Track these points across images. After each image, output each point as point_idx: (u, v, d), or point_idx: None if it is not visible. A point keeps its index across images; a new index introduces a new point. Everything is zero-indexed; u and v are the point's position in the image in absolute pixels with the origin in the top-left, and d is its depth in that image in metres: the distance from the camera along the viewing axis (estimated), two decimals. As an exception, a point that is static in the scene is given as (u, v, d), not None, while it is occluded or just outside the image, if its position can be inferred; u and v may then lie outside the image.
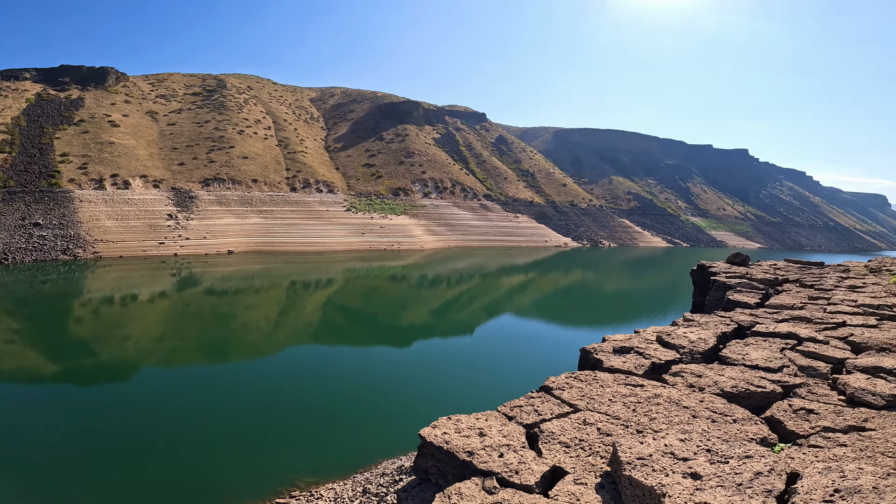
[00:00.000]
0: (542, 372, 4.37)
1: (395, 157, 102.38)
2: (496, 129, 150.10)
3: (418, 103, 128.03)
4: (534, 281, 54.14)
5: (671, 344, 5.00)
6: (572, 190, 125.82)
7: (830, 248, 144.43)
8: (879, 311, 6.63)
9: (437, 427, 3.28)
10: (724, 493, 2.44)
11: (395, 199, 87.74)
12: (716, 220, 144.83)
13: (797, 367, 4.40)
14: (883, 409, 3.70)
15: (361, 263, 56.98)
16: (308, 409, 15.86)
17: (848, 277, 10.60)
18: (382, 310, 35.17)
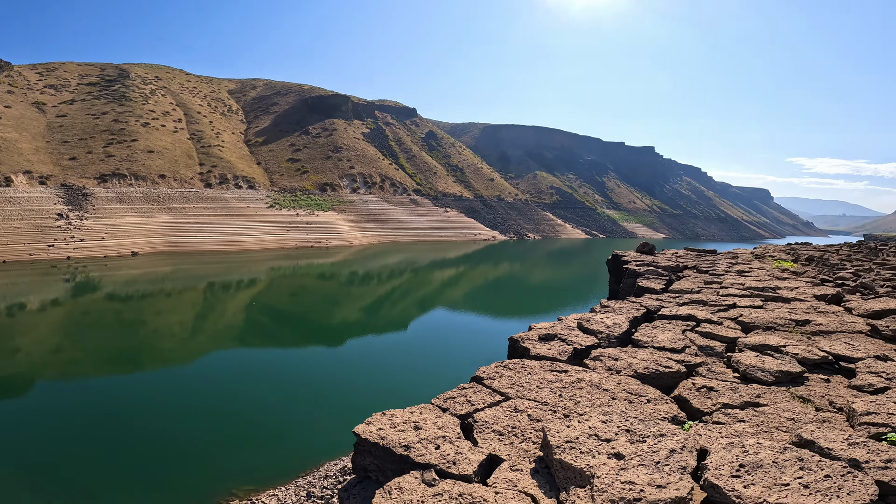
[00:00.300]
0: (475, 362, 4.52)
1: (322, 151, 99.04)
2: (426, 125, 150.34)
3: (347, 97, 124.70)
4: (464, 274, 55.18)
5: (590, 330, 5.35)
6: (499, 185, 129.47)
7: (722, 238, 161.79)
8: (764, 294, 7.57)
9: (371, 423, 3.27)
10: (646, 471, 2.61)
11: (322, 194, 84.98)
12: (628, 212, 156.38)
13: (697, 347, 4.87)
14: (772, 385, 4.06)
15: (287, 262, 54.64)
16: (240, 416, 15.02)
17: (737, 263, 11.97)
18: (312, 309, 34.04)
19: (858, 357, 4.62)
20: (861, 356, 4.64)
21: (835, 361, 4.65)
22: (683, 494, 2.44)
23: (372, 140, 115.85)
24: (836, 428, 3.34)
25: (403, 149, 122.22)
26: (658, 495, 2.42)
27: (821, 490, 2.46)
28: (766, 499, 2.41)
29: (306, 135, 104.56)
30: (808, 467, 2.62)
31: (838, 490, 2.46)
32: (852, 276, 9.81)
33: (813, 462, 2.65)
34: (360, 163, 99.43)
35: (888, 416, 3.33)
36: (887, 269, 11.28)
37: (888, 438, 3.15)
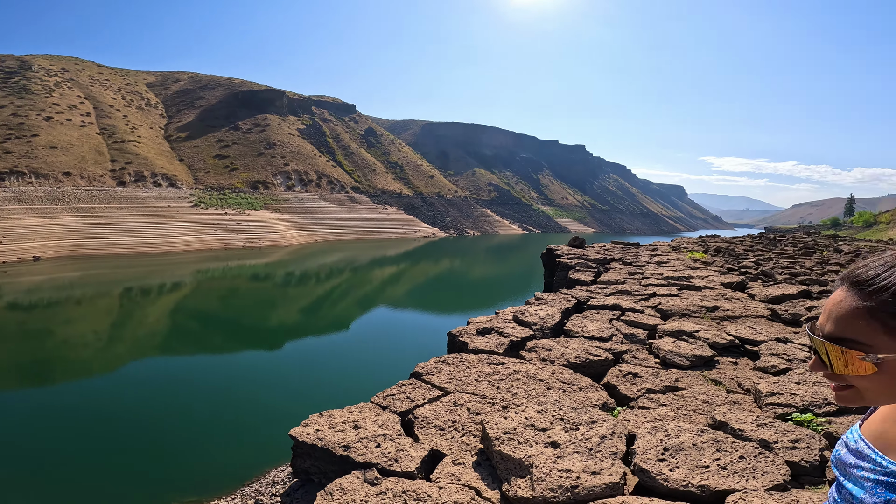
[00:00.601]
0: (416, 359, 4.53)
1: (254, 148, 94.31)
2: (366, 121, 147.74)
3: (282, 92, 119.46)
4: (405, 271, 55.01)
5: (525, 322, 5.52)
6: (439, 181, 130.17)
7: (645, 231, 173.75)
8: (679, 283, 8.22)
9: (308, 425, 3.19)
10: (580, 458, 2.71)
11: (254, 192, 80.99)
12: (561, 208, 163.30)
13: (623, 335, 5.17)
14: (689, 369, 4.32)
15: (216, 263, 51.57)
16: (174, 427, 14.00)
17: (656, 255, 12.90)
18: (246, 312, 32.41)
19: (761, 340, 5.04)
20: (763, 339, 5.06)
21: (741, 345, 5.04)
22: (616, 480, 2.55)
23: (308, 136, 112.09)
24: (746, 409, 3.56)
25: (342, 146, 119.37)
26: (593, 482, 2.53)
27: (737, 471, 2.61)
28: (690, 481, 2.54)
29: (236, 130, 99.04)
30: (724, 449, 2.77)
31: (753, 471, 2.61)
32: (754, 264, 10.91)
33: (728, 444, 2.81)
34: (295, 160, 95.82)
35: (791, 396, 3.58)
36: (784, 258, 12.66)
37: (793, 418, 3.35)
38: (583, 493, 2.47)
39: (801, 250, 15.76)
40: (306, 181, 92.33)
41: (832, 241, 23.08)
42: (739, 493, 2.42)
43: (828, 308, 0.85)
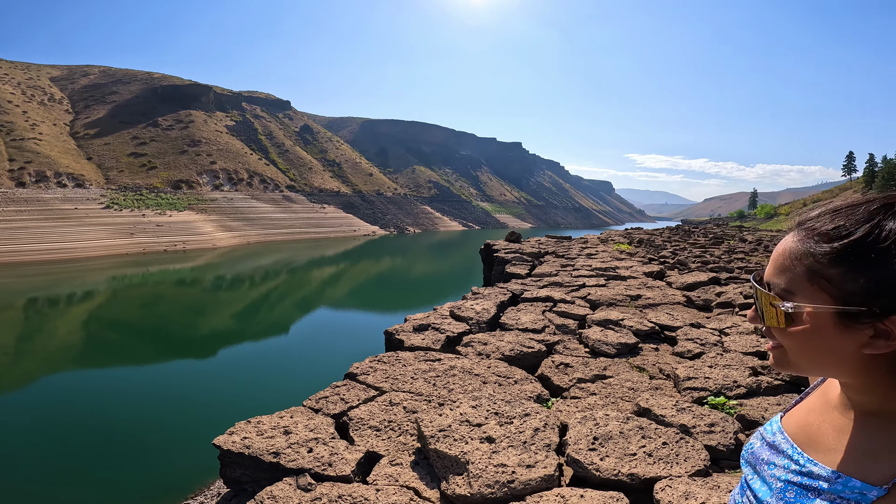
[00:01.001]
0: (353, 360, 4.42)
1: (176, 145, 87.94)
2: (301, 118, 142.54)
3: (209, 87, 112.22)
4: (344, 271, 53.82)
5: (462, 317, 5.55)
6: (378, 179, 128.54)
7: (577, 225, 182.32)
8: (606, 273, 8.66)
9: (234, 433, 3.03)
10: (515, 452, 2.72)
11: (177, 192, 75.56)
12: (499, 204, 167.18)
13: (555, 326, 5.33)
14: (615, 357, 4.46)
15: (135, 269, 47.61)
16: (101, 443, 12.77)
17: (586, 247, 13.55)
18: (172, 319, 30.20)
19: (678, 326, 5.32)
20: (680, 325, 5.35)
21: (661, 331, 5.30)
22: (551, 472, 2.59)
23: (238, 133, 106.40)
24: (667, 394, 3.68)
25: (275, 143, 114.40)
26: (529, 475, 2.55)
27: (662, 458, 2.67)
28: (620, 470, 2.59)
29: (155, 127, 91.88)
30: (649, 435, 2.85)
31: (676, 457, 2.68)
32: (672, 254, 11.77)
33: (651, 430, 2.89)
34: (223, 158, 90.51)
35: (705, 380, 3.75)
36: (697, 248, 13.75)
37: (708, 402, 3.47)
38: (519, 488, 2.49)
39: (711, 240, 17.23)
40: (236, 180, 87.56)
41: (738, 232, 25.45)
42: (665, 479, 2.49)
43: (774, 254, 0.74)
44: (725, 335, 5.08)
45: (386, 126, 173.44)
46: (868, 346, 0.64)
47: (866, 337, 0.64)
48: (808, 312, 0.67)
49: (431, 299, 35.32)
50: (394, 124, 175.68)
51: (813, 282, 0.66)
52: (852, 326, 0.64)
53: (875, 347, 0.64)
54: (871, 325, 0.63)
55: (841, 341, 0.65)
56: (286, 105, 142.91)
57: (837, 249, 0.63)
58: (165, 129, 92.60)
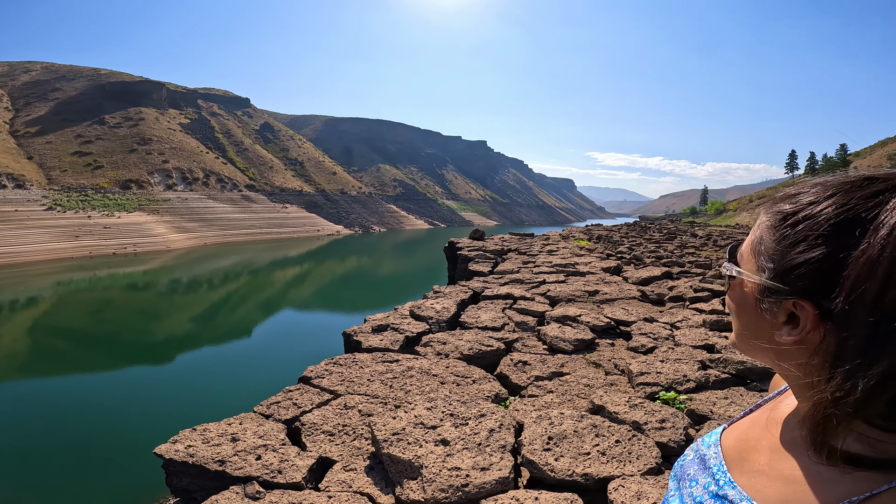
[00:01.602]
0: (312, 363, 4.28)
1: (125, 144, 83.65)
2: (261, 116, 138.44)
3: (161, 84, 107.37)
4: (308, 272, 52.69)
5: (421, 316, 5.48)
6: (342, 178, 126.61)
7: (540, 222, 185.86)
8: (566, 269, 8.80)
9: (177, 441, 2.89)
10: (470, 455, 2.66)
11: (126, 193, 71.85)
12: (464, 202, 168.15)
13: (514, 324, 5.31)
14: (573, 353, 4.46)
15: (81, 273, 44.94)
16: (54, 456, 11.93)
17: (548, 244, 13.76)
18: (123, 326, 28.67)
19: (632, 320, 5.38)
20: (634, 319, 5.43)
21: (616, 326, 5.36)
22: (506, 474, 2.54)
23: (193, 131, 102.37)
24: (621, 390, 3.70)
25: (233, 141, 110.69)
26: (483, 478, 2.50)
27: (615, 457, 2.67)
28: (574, 470, 2.56)
29: (101, 125, 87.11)
30: (602, 434, 2.84)
31: (629, 455, 2.67)
32: (628, 250, 12.12)
33: (605, 428, 2.88)
34: (176, 156, 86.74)
35: (657, 374, 3.78)
36: (652, 244, 14.22)
37: (660, 397, 3.50)
38: (473, 491, 2.44)
39: (665, 236, 17.90)
40: (191, 179, 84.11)
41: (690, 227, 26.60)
42: (619, 479, 2.48)
43: None
44: (677, 329, 5.23)
45: (350, 124, 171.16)
46: (777, 329, 0.59)
47: (779, 321, 0.59)
48: (738, 280, 0.64)
49: (394, 299, 34.97)
50: (358, 122, 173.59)
51: (754, 249, 0.63)
52: (769, 305, 0.60)
53: (780, 333, 0.59)
54: (785, 308, 0.58)
55: (759, 319, 0.61)
56: (245, 102, 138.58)
57: (781, 219, 0.59)
58: (113, 126, 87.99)
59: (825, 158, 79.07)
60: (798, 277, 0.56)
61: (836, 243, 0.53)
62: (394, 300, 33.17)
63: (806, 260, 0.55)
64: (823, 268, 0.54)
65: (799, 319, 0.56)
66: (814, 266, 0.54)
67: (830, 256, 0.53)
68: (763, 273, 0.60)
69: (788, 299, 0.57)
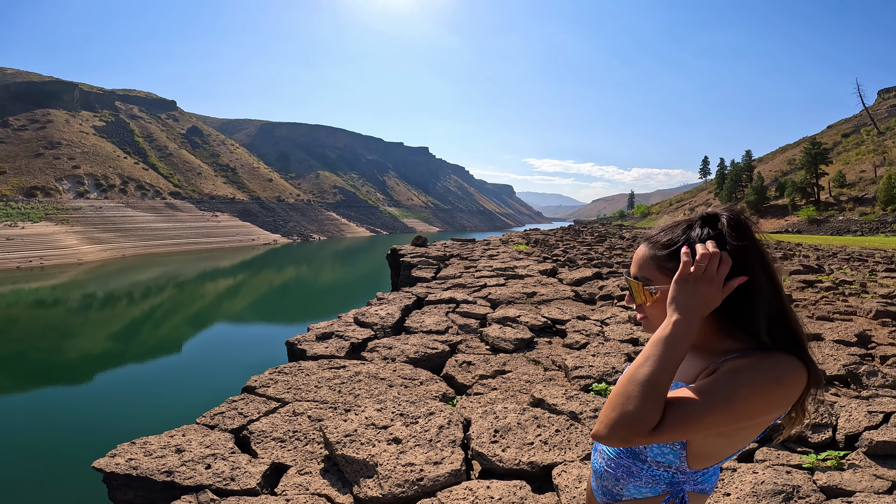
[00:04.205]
0: (253, 374, 4.22)
1: (30, 147, 75.75)
2: (189, 119, 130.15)
3: (74, 84, 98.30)
4: (243, 283, 50.23)
5: (366, 322, 5.54)
6: (279, 185, 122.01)
7: (482, 228, 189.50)
8: (506, 273, 9.17)
9: (117, 455, 2.80)
10: (422, 451, 2.79)
11: (31, 200, 64.92)
12: (406, 209, 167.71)
13: (458, 327, 5.50)
14: (513, 352, 4.70)
15: (-22, 291, 40.03)
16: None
17: (489, 249, 14.19)
18: (33, 345, 25.82)
19: (567, 319, 5.74)
20: (569, 318, 5.79)
21: (553, 325, 5.70)
22: (458, 467, 2.68)
23: (109, 135, 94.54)
24: (559, 384, 3.93)
25: (156, 146, 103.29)
26: (437, 472, 2.63)
27: (556, 445, 2.87)
28: (520, 459, 2.74)
29: (4, 127, 78.61)
30: (543, 424, 3.04)
31: (568, 443, 2.88)
32: (563, 253, 12.80)
33: (545, 419, 3.08)
34: (89, 161, 79.64)
35: (589, 368, 4.07)
36: (584, 246, 15.08)
37: (593, 389, 3.76)
38: (429, 485, 2.56)
39: (596, 239, 19.04)
40: (105, 186, 77.51)
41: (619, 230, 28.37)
42: (561, 465, 2.68)
43: (634, 257, 1.15)
44: (606, 325, 5.67)
45: (287, 129, 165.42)
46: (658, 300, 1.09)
47: None
48: (661, 290, 1.07)
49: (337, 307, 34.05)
50: (295, 127, 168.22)
51: (660, 272, 1.08)
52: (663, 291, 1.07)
53: None
54: None
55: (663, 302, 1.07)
56: (171, 105, 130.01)
57: (669, 252, 1.07)
58: (17, 129, 79.53)
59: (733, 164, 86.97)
60: None
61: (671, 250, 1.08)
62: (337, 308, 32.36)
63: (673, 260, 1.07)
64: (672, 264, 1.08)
65: None
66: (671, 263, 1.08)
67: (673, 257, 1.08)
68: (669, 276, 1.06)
69: None
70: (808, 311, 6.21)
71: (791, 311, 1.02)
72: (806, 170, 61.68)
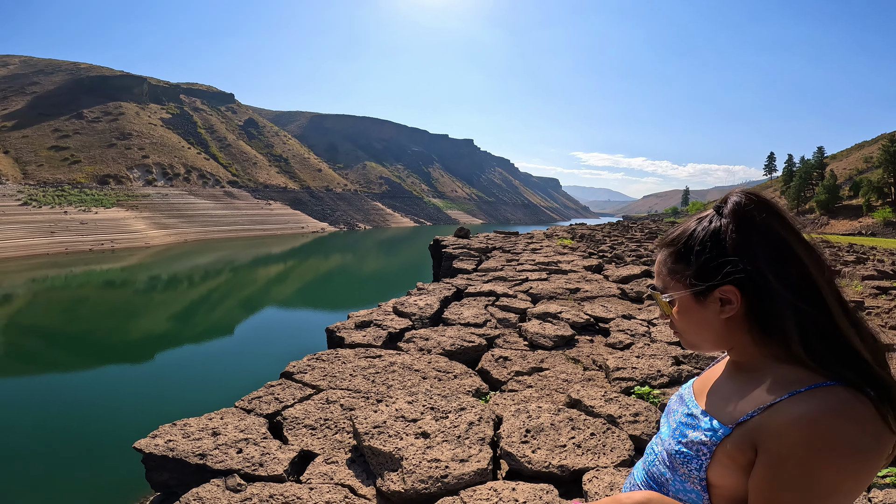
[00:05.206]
0: (292, 359, 4.29)
1: (103, 138, 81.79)
2: (246, 112, 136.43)
3: (143, 78, 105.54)
4: (290, 269, 52.21)
5: (405, 312, 5.51)
6: (328, 175, 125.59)
7: (526, 221, 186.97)
8: (549, 268, 8.92)
9: (157, 436, 2.88)
10: (449, 447, 2.71)
11: (104, 188, 70.22)
12: (450, 200, 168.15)
13: (496, 320, 5.37)
14: (552, 349, 4.52)
15: (56, 270, 43.83)
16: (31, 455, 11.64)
17: (532, 242, 13.89)
18: (99, 323, 28.06)
19: (611, 317, 5.48)
20: (613, 316, 5.53)
21: (595, 323, 5.47)
22: (484, 466, 2.59)
23: (175, 127, 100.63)
24: (598, 385, 3.76)
25: (216, 137, 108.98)
26: (462, 469, 2.55)
27: (590, 449, 2.73)
28: (551, 462, 2.62)
29: (79, 119, 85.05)
30: (578, 427, 2.90)
31: (602, 447, 2.74)
32: (610, 249, 12.32)
33: (580, 421, 2.94)
34: (157, 152, 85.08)
35: (632, 370, 3.86)
36: (633, 243, 14.47)
37: (635, 392, 3.56)
38: (452, 482, 2.49)
39: (646, 235, 18.21)
40: (171, 175, 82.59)
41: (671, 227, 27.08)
42: (593, 470, 2.54)
43: (655, 267, 1.02)
44: (653, 325, 5.36)
45: (335, 121, 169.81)
46: (722, 312, 0.87)
47: (717, 306, 0.87)
48: (677, 298, 0.92)
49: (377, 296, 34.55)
50: (343, 119, 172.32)
51: (672, 277, 0.93)
52: (705, 301, 0.88)
53: (725, 312, 0.86)
54: (716, 297, 0.87)
55: (704, 314, 0.89)
56: (229, 98, 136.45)
57: (675, 251, 0.94)
58: (91, 121, 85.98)
59: (802, 161, 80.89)
60: (711, 273, 0.86)
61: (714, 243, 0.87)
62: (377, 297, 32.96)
63: (706, 259, 0.87)
64: (716, 261, 0.86)
65: (728, 299, 0.86)
66: (713, 262, 0.86)
67: (718, 251, 0.86)
68: (689, 285, 0.89)
69: (715, 291, 0.87)
70: (881, 320, 5.62)
71: (846, 323, 0.79)
72: (883, 168, 56.53)
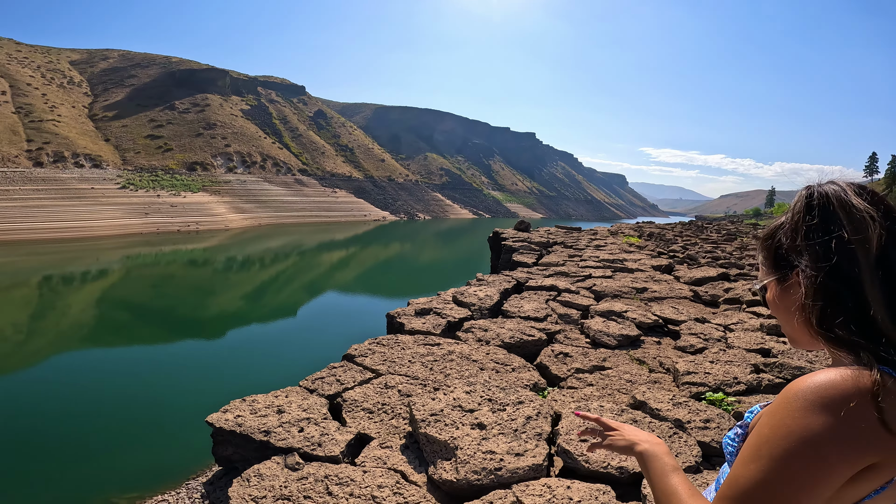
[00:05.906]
0: (353, 342, 4.41)
1: (192, 128, 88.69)
2: (315, 103, 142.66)
3: (225, 71, 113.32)
4: (353, 255, 54.10)
5: (464, 302, 5.51)
6: (390, 165, 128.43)
7: (588, 217, 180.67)
8: (614, 265, 8.55)
9: (228, 411, 3.05)
10: (505, 439, 2.69)
11: (191, 174, 76.32)
12: (510, 193, 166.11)
13: (558, 316, 5.26)
14: (616, 349, 4.39)
15: (148, 249, 48.33)
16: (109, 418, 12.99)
17: (595, 239, 13.39)
18: (182, 300, 30.67)
19: (682, 320, 5.21)
20: (684, 319, 5.24)
21: (664, 324, 5.21)
22: (539, 461, 2.55)
23: (253, 117, 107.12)
24: (664, 388, 3.62)
25: (289, 127, 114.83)
26: (517, 463, 2.52)
27: None
28: (609, 463, 2.57)
29: (171, 110, 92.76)
30: (642, 429, 2.85)
31: None
32: (682, 249, 11.58)
33: (645, 423, 2.84)
34: (237, 141, 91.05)
35: (705, 375, 3.66)
36: (709, 244, 13.52)
37: (706, 398, 3.39)
38: (506, 476, 2.46)
39: (724, 237, 16.94)
40: (249, 163, 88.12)
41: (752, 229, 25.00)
42: None
43: None
44: (730, 331, 4.98)
45: (398, 113, 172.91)
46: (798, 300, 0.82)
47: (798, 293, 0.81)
48: (765, 285, 0.90)
49: (437, 285, 35.06)
50: (406, 111, 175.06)
51: (765, 264, 0.92)
52: (787, 288, 0.85)
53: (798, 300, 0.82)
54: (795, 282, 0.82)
55: (787, 302, 0.85)
56: (301, 90, 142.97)
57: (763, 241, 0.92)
58: (182, 112, 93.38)
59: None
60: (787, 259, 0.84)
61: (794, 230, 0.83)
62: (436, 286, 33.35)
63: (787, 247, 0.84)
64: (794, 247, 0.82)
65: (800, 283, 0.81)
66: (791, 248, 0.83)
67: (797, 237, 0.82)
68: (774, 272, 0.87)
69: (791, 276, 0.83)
70: None
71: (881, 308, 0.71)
72: None
